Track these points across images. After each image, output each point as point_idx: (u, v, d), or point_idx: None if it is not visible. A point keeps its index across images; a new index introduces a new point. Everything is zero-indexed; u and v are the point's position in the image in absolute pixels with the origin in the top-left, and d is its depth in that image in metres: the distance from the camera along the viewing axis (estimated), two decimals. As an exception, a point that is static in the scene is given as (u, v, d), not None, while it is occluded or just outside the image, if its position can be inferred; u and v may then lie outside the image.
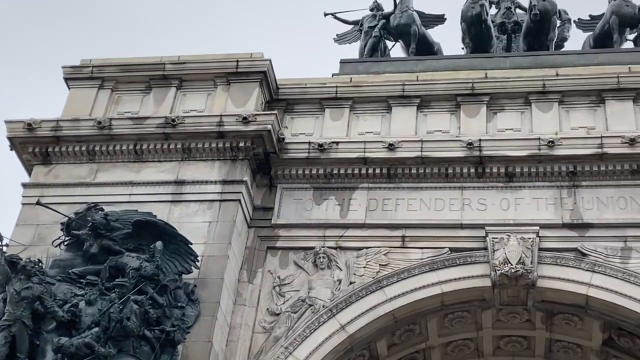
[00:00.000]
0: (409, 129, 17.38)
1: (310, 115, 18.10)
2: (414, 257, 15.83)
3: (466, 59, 20.34)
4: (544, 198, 16.08)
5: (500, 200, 16.20)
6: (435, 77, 18.29)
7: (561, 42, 22.74)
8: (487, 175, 16.40)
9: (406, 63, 20.45)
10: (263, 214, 16.74)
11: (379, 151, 16.72)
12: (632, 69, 17.45)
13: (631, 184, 15.83)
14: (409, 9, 21.96)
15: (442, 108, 17.71)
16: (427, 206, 16.39)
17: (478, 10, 21.37)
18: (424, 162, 16.57)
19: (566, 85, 17.29)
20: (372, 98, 18.00)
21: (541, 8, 21.05)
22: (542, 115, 17.11)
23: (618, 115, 16.75)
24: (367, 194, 16.68)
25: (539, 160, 16.18)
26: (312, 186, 16.93)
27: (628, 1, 21.08)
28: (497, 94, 17.51)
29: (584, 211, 15.72)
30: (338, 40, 23.53)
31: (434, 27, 22.79)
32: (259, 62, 17.67)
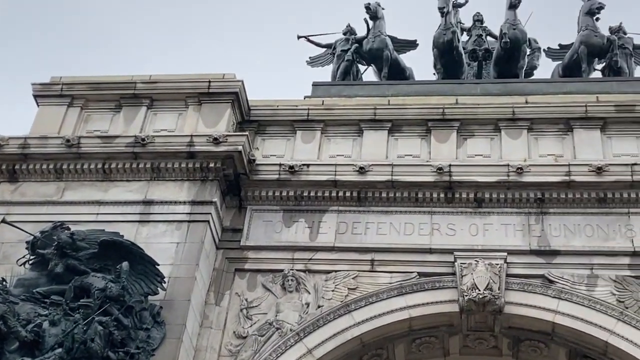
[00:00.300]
0: (379, 153, 17.44)
1: (281, 137, 18.10)
2: (382, 282, 15.81)
3: (437, 85, 20.52)
4: (512, 224, 16.17)
5: (469, 226, 16.26)
6: (406, 102, 18.40)
7: (531, 70, 22.98)
8: (457, 201, 16.47)
9: (378, 87, 20.57)
10: (232, 236, 16.64)
11: (349, 174, 16.74)
12: (599, 98, 17.70)
13: (598, 212, 15.98)
14: (381, 33, 22.10)
15: (413, 133, 17.80)
16: (397, 230, 16.41)
17: (450, 37, 21.59)
18: (394, 186, 16.61)
19: (535, 112, 17.48)
20: (344, 121, 18.05)
21: (511, 36, 21.30)
22: (511, 142, 17.25)
23: (586, 143, 16.94)
24: (337, 217, 16.66)
25: (508, 187, 16.29)
26: (282, 208, 16.89)
27: (597, 32, 21.37)
28: (467, 120, 17.64)
29: (552, 238, 15.84)
30: (311, 63, 23.60)
31: (406, 52, 22.94)
32: (231, 83, 17.66)
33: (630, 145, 16.91)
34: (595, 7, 21.45)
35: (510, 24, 21.52)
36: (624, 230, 15.72)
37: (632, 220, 15.80)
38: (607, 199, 15.98)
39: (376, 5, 22.25)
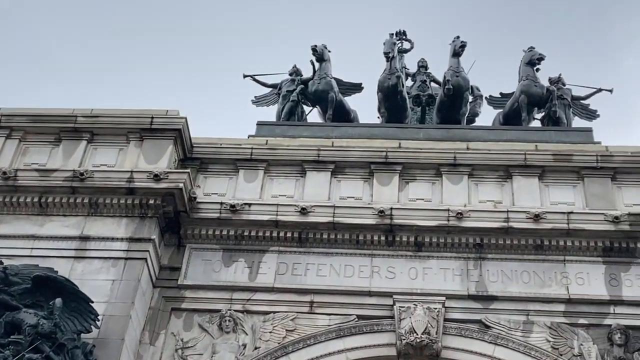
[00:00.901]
0: (322, 194, 17.47)
1: (224, 175, 18.01)
2: (321, 324, 15.75)
3: (381, 128, 20.70)
4: (451, 269, 16.29)
5: (408, 269, 16.33)
6: (350, 144, 18.50)
7: (473, 117, 23.33)
8: (397, 244, 16.55)
9: (322, 129, 20.65)
10: (169, 274, 16.43)
11: (291, 215, 16.70)
12: (538, 147, 18.03)
13: (535, 259, 16.21)
14: (327, 75, 22.25)
15: (355, 175, 17.88)
16: (337, 272, 16.39)
17: (394, 82, 21.84)
18: (336, 228, 16.62)
19: (476, 159, 17.72)
20: (287, 161, 18.06)
21: (454, 83, 21.64)
22: (452, 187, 17.45)
23: (524, 191, 17.21)
24: (277, 258, 16.59)
25: (448, 231, 16.43)
26: (222, 247, 16.75)
27: (537, 82, 21.83)
28: (409, 164, 17.80)
29: (489, 283, 15.99)
30: (256, 102, 23.60)
31: (351, 95, 23.10)
32: (174, 120, 17.56)
33: (567, 194, 17.22)
34: (536, 58, 21.95)
35: (453, 71, 21.86)
36: (559, 278, 15.95)
37: (567, 268, 16.06)
38: (544, 246, 16.22)
39: (322, 48, 22.45)
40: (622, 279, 15.83)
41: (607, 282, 15.84)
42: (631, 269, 15.94)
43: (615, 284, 15.81)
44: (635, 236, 15.99)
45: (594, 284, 15.82)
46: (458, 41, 22.17)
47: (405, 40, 24.40)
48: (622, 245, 16.05)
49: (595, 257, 16.12)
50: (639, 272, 15.90)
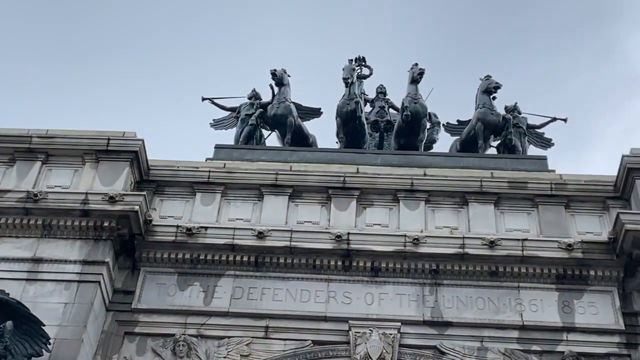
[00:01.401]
0: (279, 218, 17.43)
1: (180, 198, 17.90)
2: (276, 349, 15.67)
3: (339, 153, 20.77)
4: (407, 294, 16.34)
5: (365, 295, 16.34)
6: (308, 169, 18.53)
7: (430, 144, 23.53)
8: (354, 269, 16.56)
9: (281, 153, 20.66)
10: (123, 298, 16.23)
11: (248, 239, 16.64)
12: (494, 174, 18.22)
13: (489, 285, 16.33)
14: (286, 100, 22.30)
15: (313, 199, 17.89)
16: (293, 297, 16.33)
17: (353, 107, 21.95)
18: (293, 252, 16.59)
19: (433, 185, 17.84)
20: (245, 185, 18.01)
21: (412, 110, 21.81)
22: (409, 213, 17.54)
23: (480, 217, 17.37)
24: (233, 282, 16.49)
25: (404, 257, 16.49)
26: (177, 271, 16.61)
27: (493, 110, 22.10)
28: (367, 189, 17.87)
29: (444, 309, 16.05)
30: (214, 125, 23.54)
31: (310, 120, 23.15)
32: (131, 142, 17.43)
33: (522, 221, 17.41)
34: (493, 86, 22.25)
35: (411, 97, 22.05)
36: (513, 304, 16.08)
37: (521, 295, 16.20)
38: (499, 273, 16.36)
39: (282, 72, 22.51)
40: (575, 306, 16.01)
41: (561, 309, 16.02)
42: (584, 296, 16.13)
43: (568, 310, 15.98)
44: (587, 264, 16.19)
45: (548, 311, 15.98)
46: (416, 68, 22.40)
47: (364, 67, 24.55)
48: (575, 273, 16.24)
49: (549, 284, 16.29)
50: (591, 299, 16.09)
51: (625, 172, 16.99)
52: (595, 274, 16.18)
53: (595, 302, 16.01)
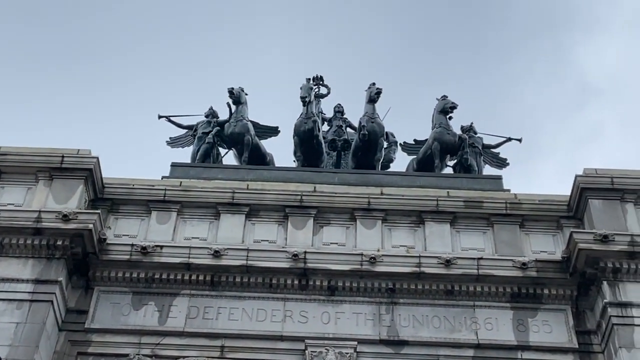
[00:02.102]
0: (236, 237, 17.35)
1: (136, 216, 17.73)
2: (251, 370, 15.54)
3: (297, 172, 20.74)
4: (363, 313, 16.34)
5: (321, 314, 16.31)
6: (265, 187, 18.47)
7: (387, 163, 23.66)
8: (310, 288, 16.52)
9: (238, 171, 20.58)
10: (76, 317, 16.00)
11: (203, 257, 16.52)
12: (450, 193, 18.36)
13: (445, 304, 16.41)
14: (244, 118, 22.26)
15: (270, 218, 17.84)
16: (249, 316, 16.24)
17: (310, 126, 21.99)
18: (249, 271, 16.51)
19: (390, 204, 17.91)
20: (201, 203, 17.90)
21: (369, 129, 21.92)
22: (366, 232, 17.57)
23: (436, 236, 17.47)
24: (188, 301, 16.35)
25: (361, 276, 16.50)
26: (132, 290, 16.43)
27: (449, 130, 22.31)
28: (324, 207, 17.87)
29: (400, 328, 16.08)
30: (171, 144, 23.40)
31: (267, 138, 23.14)
32: (85, 159, 17.24)
33: (477, 240, 17.56)
34: (449, 107, 22.47)
35: (369, 117, 22.16)
36: (469, 323, 16.17)
37: (477, 313, 16.30)
38: (455, 291, 16.44)
39: (239, 90, 22.48)
40: (529, 325, 16.15)
41: (515, 327, 16.14)
42: (538, 315, 16.28)
43: (523, 329, 16.11)
44: (542, 282, 16.36)
45: (503, 329, 16.10)
46: (374, 88, 22.54)
47: (322, 86, 24.64)
48: (529, 291, 16.39)
49: (504, 302, 16.41)
50: (545, 317, 16.25)
51: (578, 192, 17.25)
52: (549, 292, 16.35)
53: (549, 321, 16.17)
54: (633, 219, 16.77)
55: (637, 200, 17.09)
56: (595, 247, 15.80)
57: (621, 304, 15.46)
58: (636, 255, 15.77)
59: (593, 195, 17.09)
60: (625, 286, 15.72)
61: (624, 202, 17.04)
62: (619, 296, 15.58)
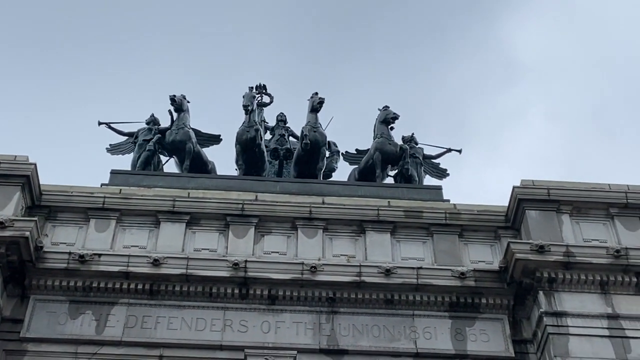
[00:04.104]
0: (176, 246, 17.21)
1: (74, 224, 17.47)
2: (173, 379, 15.40)
3: (238, 180, 20.68)
4: (303, 322, 16.34)
5: (261, 323, 16.26)
6: (206, 196, 18.37)
7: (329, 172, 23.74)
8: (251, 297, 16.47)
9: (179, 179, 20.44)
10: (11, 326, 15.67)
11: (142, 266, 16.34)
12: (391, 203, 18.51)
13: (385, 313, 16.51)
14: (185, 126, 22.12)
15: (211, 227, 17.74)
16: (189, 325, 16.10)
17: (253, 135, 21.96)
18: (189, 280, 16.38)
19: (331, 213, 17.97)
20: (141, 211, 17.72)
21: (312, 138, 21.98)
22: (307, 241, 17.60)
23: (377, 245, 17.58)
24: (127, 310, 16.16)
25: (301, 285, 16.51)
26: (69, 299, 16.18)
27: (391, 140, 22.51)
28: (265, 216, 17.85)
29: (340, 337, 16.12)
30: (111, 150, 23.11)
31: (209, 147, 23.04)
32: (22, 166, 16.93)
33: (417, 250, 17.71)
34: (391, 117, 22.67)
35: (311, 126, 22.23)
36: (408, 332, 16.29)
37: (416, 322, 16.44)
38: (394, 301, 16.55)
39: (181, 98, 22.33)
40: (467, 334, 16.34)
41: (453, 336, 16.31)
42: (476, 324, 16.49)
43: (461, 338, 16.29)
44: (479, 292, 16.58)
45: (441, 339, 16.25)
46: (316, 97, 22.63)
47: (265, 94, 24.66)
48: (467, 301, 16.60)
49: (443, 311, 16.58)
50: (483, 327, 16.46)
51: (515, 203, 17.55)
52: (486, 302, 16.58)
53: (486, 330, 16.39)
54: (568, 230, 17.13)
55: (573, 211, 17.46)
56: (531, 257, 16.09)
57: (556, 314, 15.76)
58: (571, 266, 16.10)
59: (530, 206, 17.40)
60: (561, 296, 16.03)
61: (559, 213, 17.40)
62: (554, 306, 15.88)
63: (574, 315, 15.71)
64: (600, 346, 15.27)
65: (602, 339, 15.37)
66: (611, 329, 15.57)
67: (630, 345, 15.30)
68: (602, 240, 16.91)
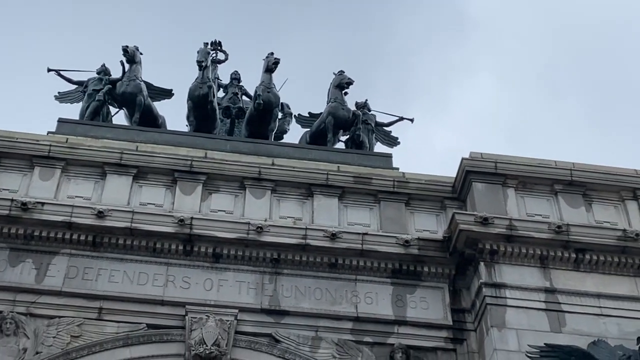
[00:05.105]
0: (121, 199, 17.05)
1: (17, 171, 17.18)
2: (109, 331, 15.33)
3: (188, 137, 20.46)
4: (246, 282, 16.35)
5: (204, 280, 16.23)
6: (155, 150, 18.19)
7: (281, 134, 23.63)
8: (195, 254, 16.40)
9: (128, 132, 20.13)
10: (-52, 271, 15.37)
11: (86, 217, 16.15)
12: (341, 168, 18.56)
13: (328, 277, 16.59)
14: (137, 78, 21.74)
15: (158, 182, 17.60)
16: (130, 279, 16.01)
17: (205, 91, 21.70)
18: (133, 234, 16.24)
19: (280, 175, 17.94)
20: (87, 162, 17.48)
21: (265, 99, 21.81)
22: (254, 201, 17.55)
23: (324, 209, 17.62)
24: (68, 261, 15.99)
25: (246, 245, 16.49)
26: (9, 246, 15.94)
27: (344, 105, 22.45)
28: (214, 174, 17.74)
29: (282, 298, 16.19)
30: (59, 98, 22.63)
31: (160, 101, 22.67)
32: (-34, 108, 16.53)
33: (364, 215, 17.80)
34: (345, 82, 22.58)
35: (265, 86, 22.05)
36: (350, 296, 16.41)
37: (358, 287, 16.56)
38: (338, 265, 16.65)
39: (134, 49, 21.92)
40: (407, 301, 16.52)
41: (394, 302, 16.48)
42: (416, 292, 16.67)
43: (401, 304, 16.47)
44: (422, 260, 16.75)
45: (382, 304, 16.41)
46: (272, 57, 22.41)
47: (220, 51, 24.37)
48: (409, 268, 16.76)
49: (385, 278, 16.72)
50: (423, 294, 16.65)
51: (463, 175, 17.71)
52: (428, 270, 16.76)
53: (426, 298, 16.58)
54: (513, 204, 17.36)
55: (518, 185, 17.69)
56: (475, 229, 16.28)
57: (496, 285, 16.01)
58: (513, 239, 16.35)
59: (477, 179, 17.58)
60: (501, 268, 16.28)
61: (505, 186, 17.61)
62: (494, 277, 16.12)
63: (513, 287, 15.98)
64: (536, 318, 15.58)
65: (539, 312, 15.69)
66: (548, 302, 15.87)
67: (565, 319, 15.64)
68: (545, 216, 17.19)
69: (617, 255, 16.42)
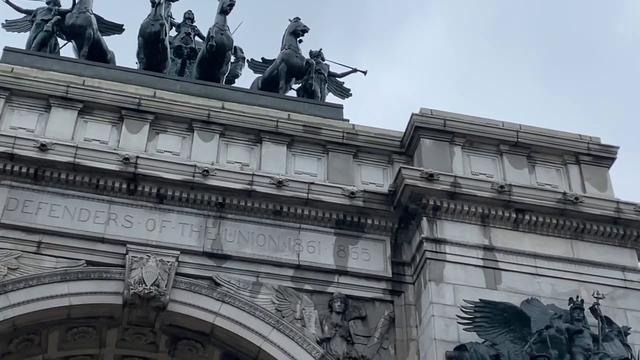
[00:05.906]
0: (65, 133, 16.77)
1: (-41, 99, 16.70)
2: (47, 265, 15.17)
3: (138, 74, 20.08)
4: (189, 224, 16.27)
5: (147, 220, 16.12)
6: (102, 86, 17.86)
7: (233, 78, 23.33)
8: (139, 194, 16.26)
9: (75, 65, 19.68)
10: None
11: (28, 149, 15.86)
12: (291, 116, 18.46)
13: (272, 224, 16.61)
14: (87, 10, 21.19)
15: (104, 118, 17.33)
16: (71, 215, 15.81)
17: (157, 29, 21.26)
18: (76, 169, 16.00)
19: (229, 119, 17.80)
20: (32, 93, 17.12)
21: (218, 40, 21.48)
22: (202, 144, 17.42)
23: (271, 157, 17.58)
24: (8, 192, 15.71)
25: (192, 187, 16.39)
26: (-54, 176, 15.58)
27: (298, 53, 22.27)
28: (162, 114, 17.53)
29: (225, 243, 16.17)
30: (6, 27, 22.02)
31: (110, 35, 22.19)
32: None
33: (312, 165, 17.82)
34: (300, 29, 22.37)
35: (219, 28, 21.71)
36: (292, 244, 16.48)
37: (301, 235, 16.63)
38: (283, 212, 16.66)
39: (86, -20, 21.33)
40: (349, 251, 16.66)
41: (336, 252, 16.60)
42: (359, 243, 16.81)
43: (343, 255, 16.60)
44: (366, 212, 16.86)
45: (324, 253, 16.52)
46: (227, -1, 22.04)
47: (174, -11, 23.83)
48: (353, 220, 16.86)
49: (329, 228, 16.81)
50: (365, 246, 16.80)
51: (412, 130, 17.79)
52: (372, 222, 16.88)
53: (368, 249, 16.74)
54: (459, 162, 17.53)
55: (465, 144, 17.84)
56: (420, 184, 16.41)
57: (436, 240, 16.23)
58: (457, 196, 16.54)
59: (425, 135, 17.68)
60: (443, 224, 16.48)
61: (452, 144, 17.75)
62: (435, 232, 16.33)
63: (453, 243, 16.21)
64: (473, 275, 15.85)
65: (476, 268, 15.96)
66: (485, 259, 16.15)
67: (502, 277, 15.95)
68: (489, 175, 17.41)
69: (555, 217, 16.74)
